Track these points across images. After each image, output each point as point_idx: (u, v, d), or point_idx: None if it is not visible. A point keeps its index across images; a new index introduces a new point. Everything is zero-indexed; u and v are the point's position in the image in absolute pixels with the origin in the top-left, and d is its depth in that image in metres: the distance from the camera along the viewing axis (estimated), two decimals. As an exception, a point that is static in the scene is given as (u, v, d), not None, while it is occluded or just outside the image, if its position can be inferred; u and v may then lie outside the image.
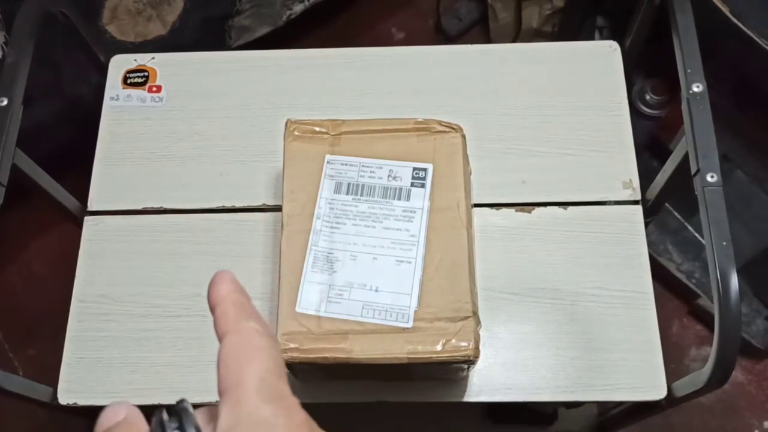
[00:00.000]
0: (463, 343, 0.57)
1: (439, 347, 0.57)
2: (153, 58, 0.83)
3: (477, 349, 0.58)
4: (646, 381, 0.66)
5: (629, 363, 0.67)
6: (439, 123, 0.65)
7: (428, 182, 0.63)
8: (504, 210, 0.74)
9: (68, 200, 0.77)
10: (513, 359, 0.68)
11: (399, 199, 0.63)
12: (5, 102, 0.68)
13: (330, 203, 0.63)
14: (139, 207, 0.75)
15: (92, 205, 0.76)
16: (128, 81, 0.82)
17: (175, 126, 0.79)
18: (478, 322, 0.59)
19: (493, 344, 0.68)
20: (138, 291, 0.72)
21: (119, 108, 0.81)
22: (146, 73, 0.82)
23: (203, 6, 1.19)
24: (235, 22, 1.27)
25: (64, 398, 0.69)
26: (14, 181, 0.67)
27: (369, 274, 0.60)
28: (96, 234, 0.75)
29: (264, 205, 0.75)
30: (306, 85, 0.80)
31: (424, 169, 0.64)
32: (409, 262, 0.61)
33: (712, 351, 0.59)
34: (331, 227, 0.62)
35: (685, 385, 0.64)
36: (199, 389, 0.67)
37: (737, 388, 1.25)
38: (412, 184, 0.63)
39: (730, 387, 1.25)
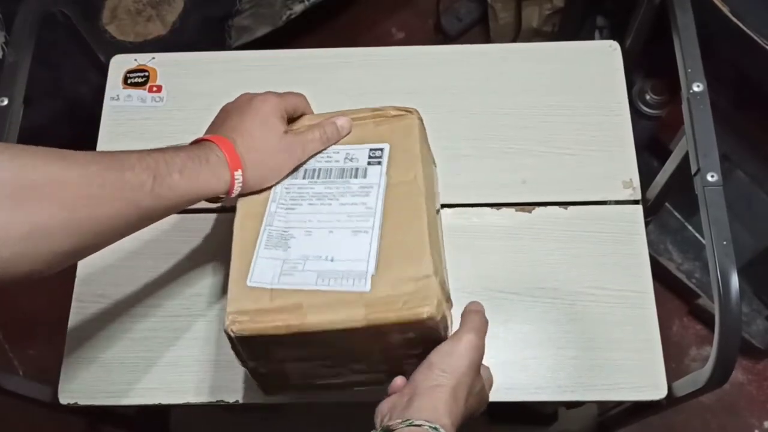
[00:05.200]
0: (424, 304, 0.54)
1: (398, 307, 0.55)
2: (153, 58, 0.83)
3: (440, 308, 0.55)
4: (646, 381, 0.66)
5: (629, 363, 0.67)
6: (394, 108, 0.66)
7: (384, 160, 0.63)
8: (504, 210, 0.74)
9: (68, 200, 0.77)
10: (513, 359, 0.68)
11: (356, 177, 0.63)
12: (5, 102, 0.68)
13: (287, 188, 0.63)
14: (139, 207, 0.75)
15: (92, 205, 0.76)
16: (128, 81, 0.82)
17: (176, 126, 0.79)
18: (443, 287, 0.57)
19: (493, 344, 0.68)
20: (138, 291, 0.72)
21: (119, 108, 0.81)
22: (146, 73, 0.82)
23: (203, 6, 1.19)
24: (235, 22, 1.27)
25: (64, 398, 0.69)
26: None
27: (325, 246, 0.59)
28: (96, 234, 0.75)
29: (264, 205, 0.75)
30: (306, 85, 0.80)
31: (381, 149, 0.64)
32: (366, 232, 0.59)
33: (713, 350, 0.59)
34: (287, 209, 0.62)
35: (686, 385, 0.64)
36: (198, 389, 0.67)
37: (737, 388, 1.25)
38: (369, 163, 0.63)
39: (731, 387, 1.25)
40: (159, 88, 0.81)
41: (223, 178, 0.58)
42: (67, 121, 1.20)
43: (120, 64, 0.83)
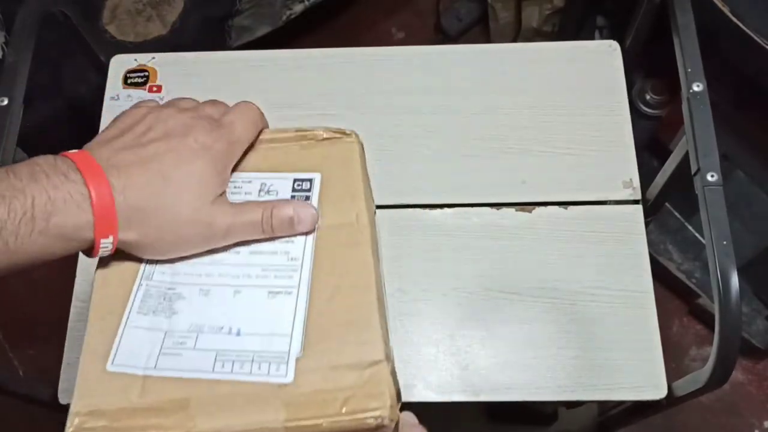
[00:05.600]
0: (373, 402, 0.40)
1: (334, 409, 0.39)
2: (153, 58, 0.83)
3: (393, 408, 0.40)
4: (646, 380, 0.66)
5: (629, 362, 0.67)
6: (326, 130, 0.52)
7: (315, 194, 0.49)
8: (504, 210, 0.74)
9: (68, 200, 0.77)
10: (513, 359, 0.68)
11: None
12: (5, 102, 0.68)
13: None
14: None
15: (92, 205, 0.76)
16: (128, 81, 0.82)
17: (175, 126, 0.79)
18: (392, 370, 0.42)
19: (493, 344, 0.68)
20: (138, 291, 0.72)
21: (119, 108, 0.81)
22: (146, 73, 0.82)
23: (203, 6, 1.19)
24: (235, 22, 1.27)
25: (65, 398, 0.69)
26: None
27: (227, 313, 0.44)
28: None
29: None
30: (306, 85, 0.80)
31: (309, 180, 0.50)
32: (289, 293, 0.44)
33: (713, 350, 0.59)
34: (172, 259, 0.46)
35: (686, 385, 0.64)
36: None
37: (737, 388, 1.25)
38: (293, 197, 0.49)
39: (731, 387, 1.25)
40: (159, 88, 0.81)
41: (77, 238, 0.41)
42: (67, 121, 1.20)
43: (120, 64, 0.83)
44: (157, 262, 0.45)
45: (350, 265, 0.46)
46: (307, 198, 0.49)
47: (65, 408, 0.69)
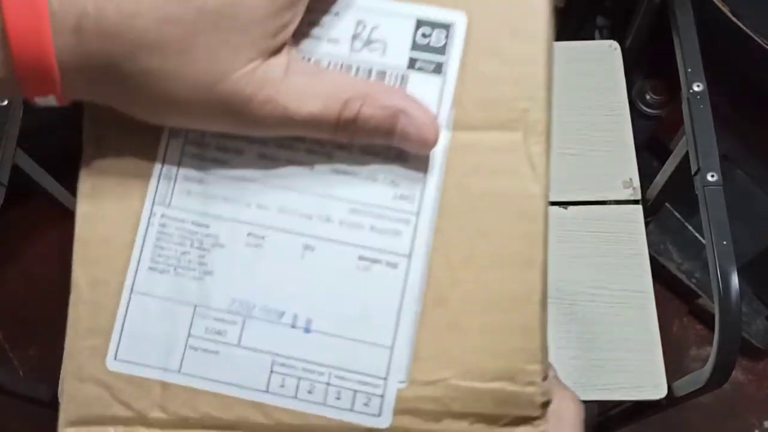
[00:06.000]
0: None
1: None
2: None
3: None
4: (646, 380, 0.66)
5: (629, 363, 0.67)
6: None
7: (453, 61, 0.28)
8: (504, 210, 0.74)
9: (69, 200, 0.77)
10: (513, 359, 0.67)
11: None
12: (5, 102, 0.68)
13: None
14: (139, 207, 0.75)
15: (92, 205, 0.76)
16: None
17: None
18: (549, 395, 0.28)
19: (493, 344, 0.68)
20: (138, 291, 0.72)
21: (119, 108, 0.81)
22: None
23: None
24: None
25: (64, 398, 0.68)
26: (15, 181, 0.67)
27: (291, 288, 0.27)
28: (96, 234, 0.75)
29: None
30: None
31: (445, 27, 0.28)
32: (393, 264, 0.27)
33: (713, 351, 0.59)
34: (204, 160, 0.28)
35: (686, 385, 0.64)
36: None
37: (737, 388, 1.25)
38: (414, 65, 0.28)
39: (730, 387, 1.24)
40: (159, 88, 0.81)
41: None
42: (68, 121, 1.20)
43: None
44: (177, 173, 0.28)
45: (501, 220, 0.28)
46: (438, 68, 0.27)
47: (65, 408, 0.69)
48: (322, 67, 0.28)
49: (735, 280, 0.58)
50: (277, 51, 0.26)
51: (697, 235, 1.25)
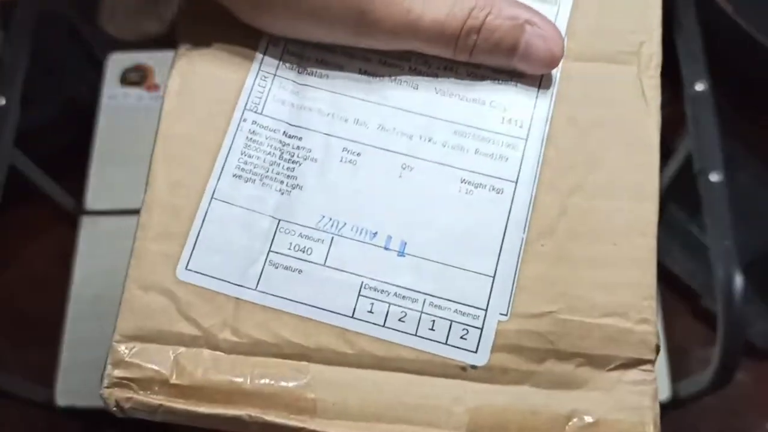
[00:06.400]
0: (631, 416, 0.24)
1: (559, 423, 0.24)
2: (151, 56, 0.82)
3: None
4: (648, 382, 0.66)
5: (631, 364, 0.66)
6: None
7: None
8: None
9: (66, 200, 0.76)
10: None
11: None
12: (3, 101, 0.68)
13: None
14: (137, 206, 0.75)
15: (89, 205, 0.76)
16: (126, 80, 0.81)
17: (174, 125, 0.79)
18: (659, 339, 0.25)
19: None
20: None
21: (117, 107, 0.80)
22: (144, 72, 0.81)
23: (203, 5, 1.19)
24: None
25: (62, 400, 0.68)
26: (12, 182, 0.67)
27: (385, 208, 0.26)
28: (93, 234, 0.74)
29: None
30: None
31: None
32: (498, 190, 0.26)
33: (715, 352, 0.58)
34: (302, 72, 0.28)
35: (689, 386, 0.64)
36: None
37: (739, 389, 1.24)
38: None
39: (732, 387, 1.24)
40: (157, 87, 0.81)
41: None
42: (65, 121, 1.20)
43: (117, 63, 0.82)
44: (273, 78, 0.27)
45: (613, 150, 0.27)
46: None
47: (63, 410, 0.69)
48: None
49: (738, 280, 0.57)
50: None
51: (700, 235, 1.25)
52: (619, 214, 0.26)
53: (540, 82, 0.27)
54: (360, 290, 0.25)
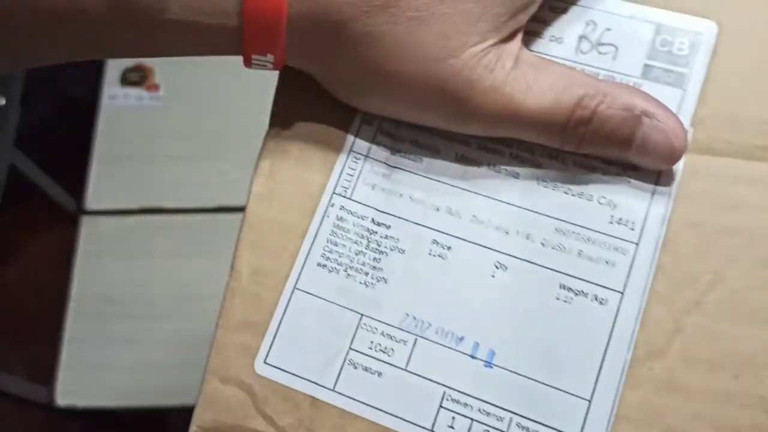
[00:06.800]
0: None
1: None
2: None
3: None
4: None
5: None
6: None
7: (695, 76, 0.25)
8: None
9: (66, 200, 0.77)
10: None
11: None
12: (2, 101, 0.68)
13: None
14: (136, 206, 0.75)
15: (89, 205, 0.76)
16: (126, 80, 0.81)
17: (174, 125, 0.79)
18: None
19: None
20: (136, 291, 0.72)
21: (117, 107, 0.80)
22: (144, 72, 0.81)
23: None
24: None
25: (62, 399, 0.68)
26: (12, 182, 0.67)
27: (471, 311, 0.24)
28: (93, 234, 0.75)
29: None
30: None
31: (692, 35, 0.25)
32: (602, 300, 0.23)
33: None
34: (395, 153, 0.26)
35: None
36: (197, 391, 0.67)
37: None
38: (649, 74, 0.25)
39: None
40: (157, 87, 0.81)
41: (213, 43, 0.27)
42: (65, 121, 1.20)
43: (117, 63, 0.82)
44: (364, 160, 0.26)
45: (741, 264, 0.23)
46: (678, 80, 0.24)
47: (63, 410, 0.69)
48: (551, 60, 0.24)
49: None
50: (511, 36, 0.23)
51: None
52: (743, 342, 0.22)
53: (658, 177, 0.24)
54: (441, 401, 0.23)
